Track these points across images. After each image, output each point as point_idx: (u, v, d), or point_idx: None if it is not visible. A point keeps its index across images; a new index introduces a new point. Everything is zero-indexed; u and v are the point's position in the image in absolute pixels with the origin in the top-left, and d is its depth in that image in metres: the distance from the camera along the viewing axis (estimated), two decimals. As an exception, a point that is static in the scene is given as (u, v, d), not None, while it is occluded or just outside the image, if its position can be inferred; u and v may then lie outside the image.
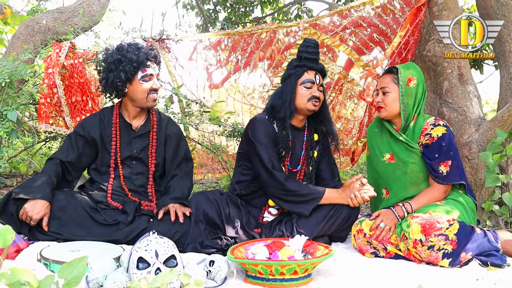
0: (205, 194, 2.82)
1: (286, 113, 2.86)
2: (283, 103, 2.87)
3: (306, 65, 2.89)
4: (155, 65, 2.92)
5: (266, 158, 2.81)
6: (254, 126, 2.92)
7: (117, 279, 1.91)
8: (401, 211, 2.64)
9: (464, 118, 3.38)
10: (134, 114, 2.95)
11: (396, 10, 3.55)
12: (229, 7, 7.36)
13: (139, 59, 2.82)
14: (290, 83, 2.89)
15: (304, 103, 2.87)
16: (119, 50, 2.86)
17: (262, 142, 2.85)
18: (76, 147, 2.90)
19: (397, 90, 2.76)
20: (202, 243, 2.61)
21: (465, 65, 3.51)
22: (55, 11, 3.60)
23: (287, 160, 2.95)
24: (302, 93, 2.87)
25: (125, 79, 2.82)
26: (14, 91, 3.05)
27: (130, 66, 2.80)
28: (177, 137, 3.07)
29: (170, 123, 3.09)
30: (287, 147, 2.89)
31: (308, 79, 2.88)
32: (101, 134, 2.92)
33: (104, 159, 2.93)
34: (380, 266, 2.46)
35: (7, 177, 4.34)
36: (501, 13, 3.46)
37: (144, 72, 2.84)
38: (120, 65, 2.81)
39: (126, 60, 2.80)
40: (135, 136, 2.95)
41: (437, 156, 2.69)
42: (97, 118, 2.95)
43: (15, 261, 2.28)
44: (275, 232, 2.77)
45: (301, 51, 2.91)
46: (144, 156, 2.96)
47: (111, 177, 2.90)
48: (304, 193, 2.76)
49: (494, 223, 3.27)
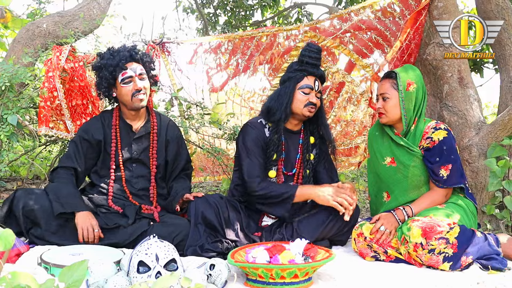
0: (205, 198, 2.80)
1: (281, 116, 2.83)
2: (279, 106, 2.84)
3: (307, 70, 2.86)
4: (137, 64, 2.86)
5: (245, 168, 2.82)
6: (244, 132, 2.92)
7: (118, 282, 1.91)
8: (401, 214, 2.64)
9: (465, 121, 3.38)
10: (131, 116, 2.95)
11: (396, 14, 3.56)
12: (229, 10, 7.37)
13: (113, 63, 2.80)
14: (289, 87, 2.86)
15: (300, 108, 2.85)
16: (100, 57, 2.89)
17: (248, 150, 2.85)
18: (82, 152, 2.89)
19: (397, 96, 2.75)
20: (202, 247, 2.61)
21: (465, 69, 3.51)
22: (55, 15, 3.61)
23: (280, 163, 2.93)
24: (300, 98, 2.84)
25: (107, 85, 2.84)
26: (15, 94, 3.05)
27: (107, 72, 2.81)
28: (178, 140, 3.08)
29: (170, 125, 3.09)
30: (278, 151, 2.87)
31: (307, 84, 2.85)
32: (104, 137, 2.92)
33: (105, 162, 2.92)
34: (380, 269, 2.46)
35: (7, 181, 4.34)
36: (501, 16, 3.46)
37: (124, 75, 2.81)
38: (100, 72, 2.84)
39: (104, 67, 2.82)
40: (135, 137, 2.94)
41: (437, 159, 2.68)
42: (99, 121, 2.95)
43: (15, 265, 2.28)
44: (275, 235, 2.77)
45: (303, 55, 2.88)
46: (145, 158, 2.96)
47: (112, 180, 2.90)
48: (274, 194, 2.75)
49: (495, 227, 3.26)
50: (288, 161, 2.96)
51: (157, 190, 2.98)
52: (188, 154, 3.17)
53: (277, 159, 2.90)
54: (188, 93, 3.84)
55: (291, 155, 2.96)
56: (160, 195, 2.99)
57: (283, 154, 2.92)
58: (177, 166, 3.05)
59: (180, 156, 3.07)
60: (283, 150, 2.92)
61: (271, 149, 2.86)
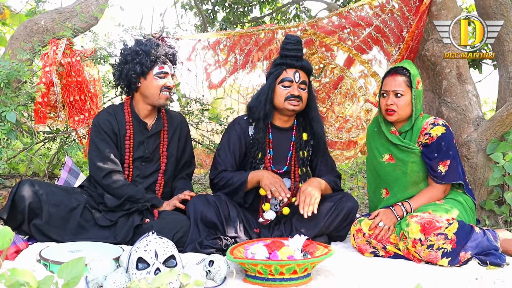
0: (204, 197, 2.78)
1: (260, 114, 2.80)
2: (258, 104, 2.81)
3: (285, 63, 2.82)
4: (171, 64, 2.92)
5: (214, 158, 2.90)
6: (228, 129, 2.96)
7: (117, 279, 1.91)
8: (400, 210, 2.64)
9: (463, 117, 3.38)
10: (146, 112, 2.90)
11: (394, 10, 3.55)
12: (228, 7, 7.35)
13: (157, 53, 2.81)
14: (268, 83, 2.83)
15: (282, 102, 2.80)
16: (137, 43, 2.87)
17: (223, 143, 2.90)
18: (111, 144, 2.84)
19: (410, 93, 2.72)
20: (201, 243, 2.60)
21: (464, 65, 3.51)
22: (53, 12, 3.59)
23: (268, 161, 2.91)
24: (280, 92, 2.80)
25: (140, 72, 2.80)
26: (12, 91, 3.04)
27: (147, 59, 2.79)
28: (186, 138, 3.07)
29: (182, 121, 3.08)
30: (263, 149, 2.86)
31: (286, 77, 2.80)
32: (119, 133, 2.88)
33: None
34: (379, 265, 2.46)
35: (6, 178, 4.33)
36: (500, 12, 3.46)
37: (161, 69, 2.83)
38: (137, 57, 2.80)
39: (144, 53, 2.80)
40: (148, 135, 2.91)
41: (436, 155, 2.68)
42: (111, 115, 2.89)
43: (14, 262, 2.28)
44: (274, 232, 2.77)
45: (282, 48, 2.84)
46: (156, 156, 2.93)
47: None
48: (230, 183, 2.79)
49: (493, 222, 3.27)
50: (277, 159, 2.93)
51: (163, 188, 2.96)
52: (192, 151, 3.16)
53: (262, 157, 2.88)
54: (189, 85, 3.84)
55: (281, 152, 2.93)
56: (165, 194, 2.97)
57: (270, 152, 2.91)
58: (181, 164, 3.05)
59: (185, 154, 3.06)
60: (271, 148, 2.90)
61: (255, 148, 2.85)
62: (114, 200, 2.75)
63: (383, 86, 2.79)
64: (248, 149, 2.89)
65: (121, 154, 2.88)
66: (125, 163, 2.87)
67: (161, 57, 2.83)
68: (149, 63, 2.79)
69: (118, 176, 2.81)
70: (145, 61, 2.78)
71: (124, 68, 2.83)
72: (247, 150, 2.90)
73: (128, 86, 2.89)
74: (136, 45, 2.85)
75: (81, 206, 2.69)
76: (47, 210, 2.61)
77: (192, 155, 3.14)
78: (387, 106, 2.74)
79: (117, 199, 2.76)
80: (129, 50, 2.84)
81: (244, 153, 2.91)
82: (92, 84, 3.40)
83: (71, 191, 2.77)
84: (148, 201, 2.79)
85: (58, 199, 2.66)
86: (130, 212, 2.75)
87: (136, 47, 2.83)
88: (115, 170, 2.81)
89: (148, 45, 2.82)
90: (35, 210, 2.61)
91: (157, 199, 2.85)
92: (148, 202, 2.78)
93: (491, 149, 3.20)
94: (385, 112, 2.76)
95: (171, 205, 2.83)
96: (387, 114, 2.76)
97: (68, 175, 3.25)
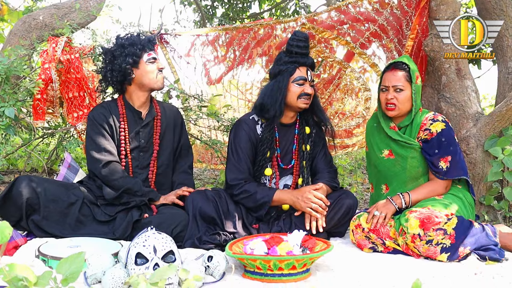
0: (203, 192, 2.79)
1: (275, 112, 2.79)
2: (273, 102, 2.79)
3: (298, 61, 2.80)
4: (155, 50, 3.00)
5: (228, 168, 2.84)
6: (236, 129, 2.91)
7: (115, 274, 1.91)
8: (398, 199, 2.64)
9: (462, 113, 3.38)
10: (143, 100, 2.95)
11: (393, 5, 3.55)
12: (227, 3, 7.35)
13: (141, 42, 2.90)
14: (282, 81, 2.80)
15: (295, 100, 2.80)
16: (118, 38, 2.93)
17: (235, 149, 2.85)
18: (107, 136, 2.88)
19: (410, 88, 2.72)
20: (200, 239, 2.60)
21: (463, 60, 3.50)
22: (52, 7, 3.59)
23: (275, 159, 2.91)
24: (294, 90, 2.79)
25: (132, 62, 2.85)
26: (11, 87, 3.04)
27: (136, 48, 2.86)
28: (181, 128, 3.10)
29: (177, 113, 3.12)
30: (271, 148, 2.86)
31: (300, 76, 2.79)
32: (114, 125, 2.91)
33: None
34: (378, 260, 2.46)
35: (5, 174, 4.33)
36: (499, 7, 3.45)
37: (150, 55, 2.90)
38: (124, 50, 2.86)
39: (129, 45, 2.87)
40: (143, 125, 2.94)
41: (436, 152, 2.68)
42: (105, 109, 2.94)
43: (13, 257, 2.28)
44: (273, 227, 2.77)
45: (292, 45, 2.81)
46: (153, 145, 2.97)
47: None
48: (252, 199, 2.76)
49: (493, 218, 3.27)
50: (285, 155, 2.95)
51: (157, 177, 2.97)
52: (188, 140, 3.18)
53: (271, 156, 2.88)
54: (189, 79, 3.84)
55: (287, 148, 2.95)
56: (162, 184, 2.98)
57: (277, 150, 2.91)
58: (178, 153, 3.07)
59: (180, 142, 3.08)
60: (277, 146, 2.91)
61: (264, 146, 2.84)
62: (112, 193, 2.77)
63: (383, 81, 2.78)
64: (257, 148, 2.89)
65: (118, 145, 2.91)
66: (122, 154, 2.90)
67: (146, 44, 2.92)
68: (138, 52, 2.87)
69: (116, 167, 2.84)
70: (134, 51, 2.86)
71: (115, 64, 2.87)
72: (256, 150, 2.89)
73: (122, 81, 2.91)
74: (119, 41, 2.92)
75: (79, 201, 2.69)
76: (45, 206, 2.61)
77: (188, 144, 3.16)
78: (387, 101, 2.74)
79: (115, 191, 2.78)
80: (115, 47, 2.91)
81: (254, 152, 2.91)
82: (91, 80, 3.39)
83: (69, 187, 2.77)
84: (145, 195, 2.80)
85: (56, 195, 2.66)
86: (128, 207, 2.75)
87: (120, 42, 2.90)
88: (113, 161, 2.85)
89: (130, 38, 2.92)
90: (33, 206, 2.61)
91: (154, 193, 2.86)
92: (145, 195, 2.79)
93: (489, 145, 3.20)
94: (385, 107, 2.76)
95: (169, 200, 2.84)
96: (387, 109, 2.75)
97: (67, 171, 3.24)
